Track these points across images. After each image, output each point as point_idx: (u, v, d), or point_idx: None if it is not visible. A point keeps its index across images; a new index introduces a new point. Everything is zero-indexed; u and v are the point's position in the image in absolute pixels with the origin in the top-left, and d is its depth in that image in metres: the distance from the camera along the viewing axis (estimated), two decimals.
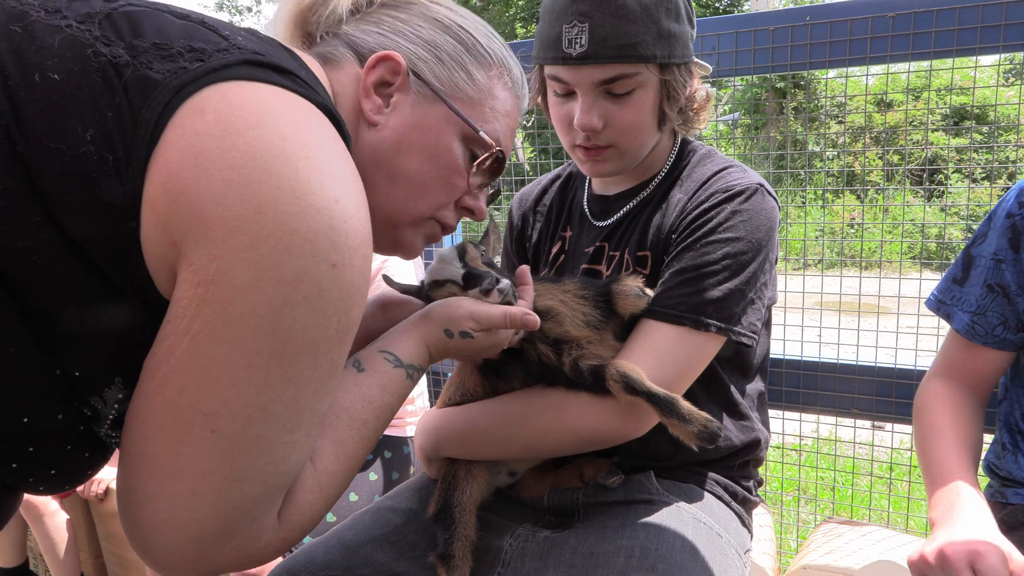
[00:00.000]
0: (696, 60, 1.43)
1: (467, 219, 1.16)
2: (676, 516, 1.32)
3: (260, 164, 0.68)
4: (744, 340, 1.32)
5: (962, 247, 1.50)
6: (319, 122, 0.77)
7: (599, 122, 1.34)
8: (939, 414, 1.44)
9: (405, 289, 1.27)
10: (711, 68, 1.47)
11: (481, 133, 1.01)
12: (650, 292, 1.31)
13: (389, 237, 1.04)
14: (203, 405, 0.69)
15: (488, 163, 1.04)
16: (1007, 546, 1.13)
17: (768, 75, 1.98)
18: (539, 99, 1.50)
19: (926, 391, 1.51)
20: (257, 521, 0.77)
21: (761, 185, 1.36)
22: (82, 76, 0.68)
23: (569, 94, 1.38)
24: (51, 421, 0.73)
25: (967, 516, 1.20)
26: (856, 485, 2.65)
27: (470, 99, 1.01)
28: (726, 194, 1.33)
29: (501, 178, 1.13)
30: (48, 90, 0.67)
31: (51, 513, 2.76)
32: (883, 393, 1.98)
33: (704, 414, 1.18)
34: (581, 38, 1.28)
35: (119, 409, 0.76)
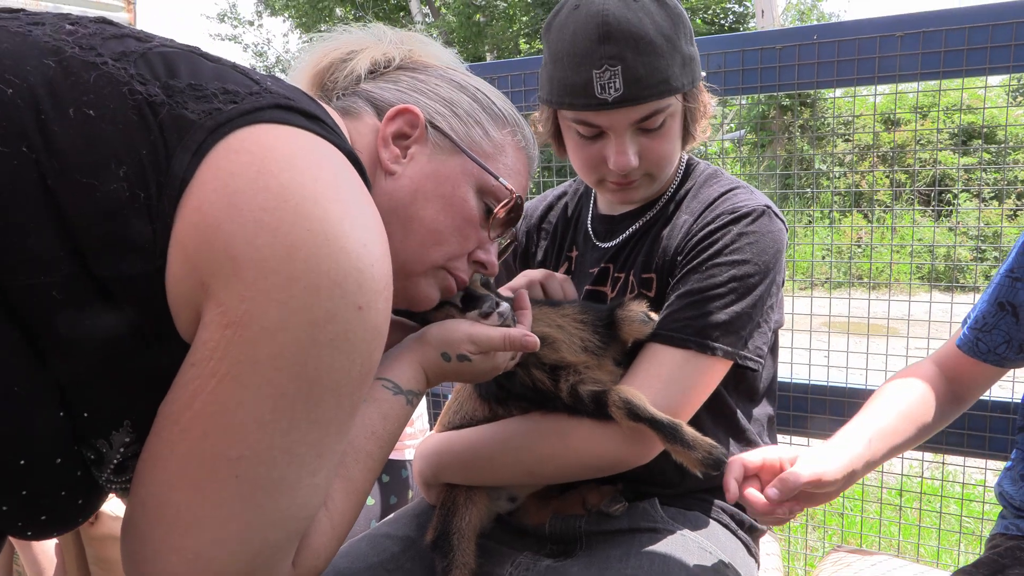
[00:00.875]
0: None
1: None
2: (681, 545, 1.30)
3: (292, 206, 0.69)
4: (750, 364, 1.31)
5: (971, 267, 1.50)
6: (345, 167, 0.79)
7: (636, 160, 1.34)
8: (900, 384, 1.43)
9: (398, 310, 1.26)
10: (705, 73, 1.48)
11: (501, 180, 1.04)
12: (655, 317, 1.30)
13: (402, 287, 1.05)
14: (228, 450, 0.69)
15: (504, 213, 1.06)
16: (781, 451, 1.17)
17: (775, 93, 1.98)
18: (548, 139, 1.48)
19: (910, 366, 1.51)
20: (275, 568, 0.76)
21: (768, 207, 1.36)
22: (117, 113, 0.69)
23: (597, 135, 1.37)
24: (49, 465, 0.72)
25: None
26: (865, 512, 2.62)
27: (485, 153, 1.04)
28: (732, 216, 1.33)
29: (516, 229, 1.15)
30: (83, 125, 0.68)
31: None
32: None
33: (709, 440, 1.17)
34: (615, 82, 1.27)
35: (124, 453, 0.76)
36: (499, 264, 1.20)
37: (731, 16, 18.85)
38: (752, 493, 1.16)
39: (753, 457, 1.19)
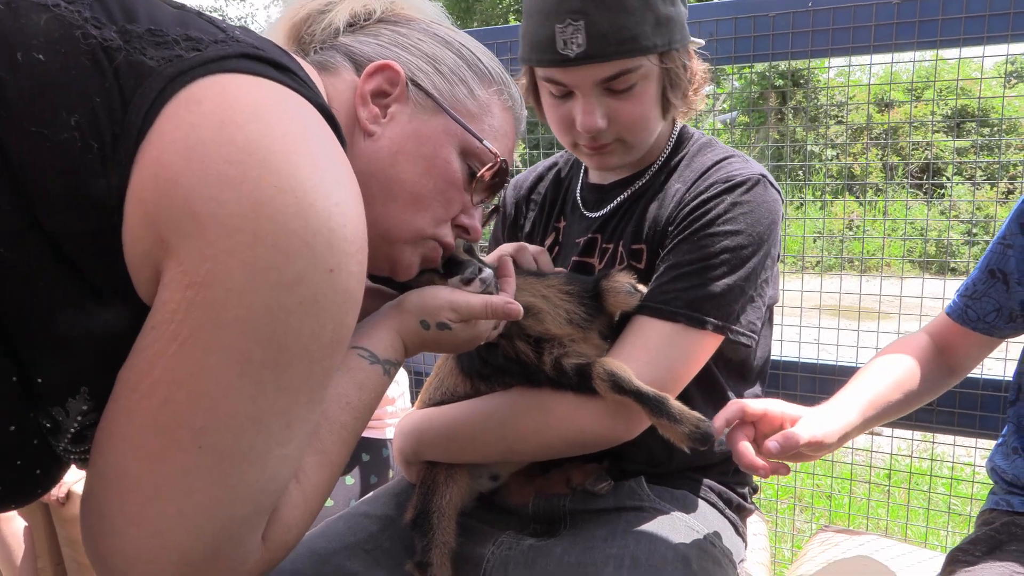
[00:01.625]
0: (692, 39, 1.39)
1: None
2: (668, 524, 1.29)
3: (258, 160, 0.66)
4: (743, 340, 1.29)
5: (963, 250, 1.50)
6: (317, 121, 0.76)
7: (603, 121, 1.31)
8: (892, 354, 1.44)
9: (377, 277, 1.23)
10: (703, 42, 1.44)
11: (485, 143, 1.00)
12: (643, 288, 1.28)
13: (385, 254, 1.02)
14: (191, 418, 0.66)
15: (489, 176, 1.03)
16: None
17: (767, 73, 1.96)
18: (530, 100, 1.46)
19: (904, 337, 1.52)
20: (243, 543, 0.73)
21: (763, 176, 1.33)
22: (69, 58, 0.65)
23: (566, 95, 1.34)
24: (2, 433, 0.69)
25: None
26: (853, 493, 2.63)
27: (470, 113, 1.00)
28: (726, 184, 1.30)
29: (501, 195, 1.11)
30: (31, 70, 0.64)
31: (6, 519, 2.70)
32: None
33: (696, 414, 1.15)
34: (577, 37, 1.24)
35: (82, 422, 0.72)
36: (487, 235, 1.17)
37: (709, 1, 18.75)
38: (745, 447, 1.15)
39: (756, 406, 1.18)
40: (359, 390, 0.94)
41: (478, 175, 1.02)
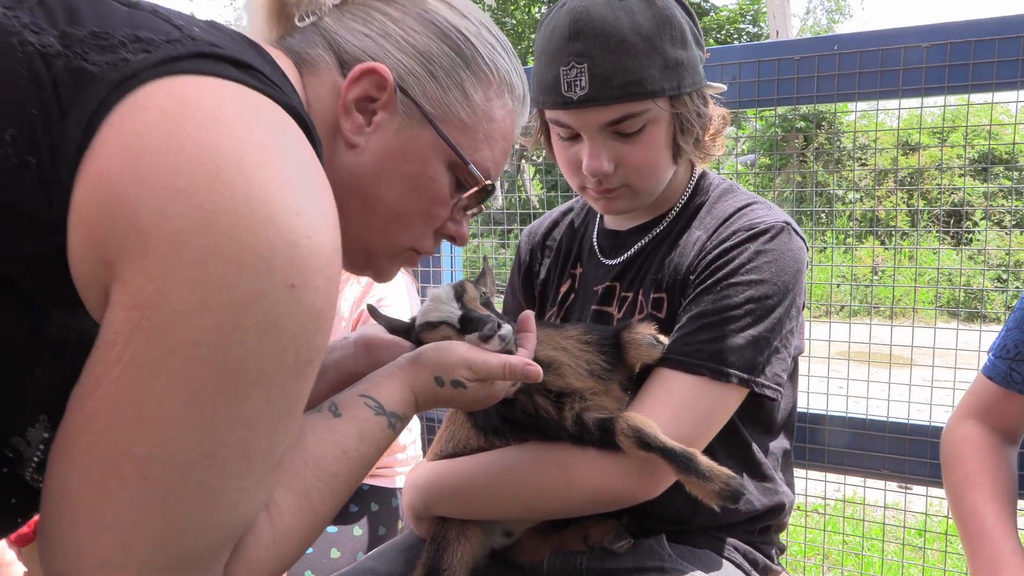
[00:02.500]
0: (708, 83, 1.39)
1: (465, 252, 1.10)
2: None
3: (210, 170, 0.62)
4: (768, 393, 1.26)
5: (993, 297, 1.45)
6: (282, 124, 0.71)
7: (609, 165, 1.30)
8: (971, 461, 1.37)
9: (392, 326, 1.21)
10: (724, 87, 1.43)
11: (471, 167, 0.95)
12: (664, 340, 1.25)
13: (362, 262, 0.99)
14: (134, 447, 0.62)
15: (474, 196, 1.00)
16: None
17: (789, 115, 1.94)
18: (541, 140, 1.46)
19: (955, 435, 1.44)
20: None
21: (788, 224, 1.31)
22: (3, 68, 0.62)
23: (574, 137, 1.34)
24: None
25: None
26: (885, 552, 2.54)
27: (463, 124, 0.94)
28: (749, 232, 1.28)
29: (492, 201, 1.07)
30: None
31: (6, 564, 2.66)
32: (916, 453, 1.90)
33: (726, 470, 1.12)
34: (581, 80, 1.24)
35: (44, 451, 0.70)
36: (496, 282, 1.15)
37: (745, 37, 19.00)
38: None
39: None
40: (359, 441, 0.91)
41: (464, 195, 0.98)
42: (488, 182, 0.98)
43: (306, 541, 0.84)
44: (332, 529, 2.03)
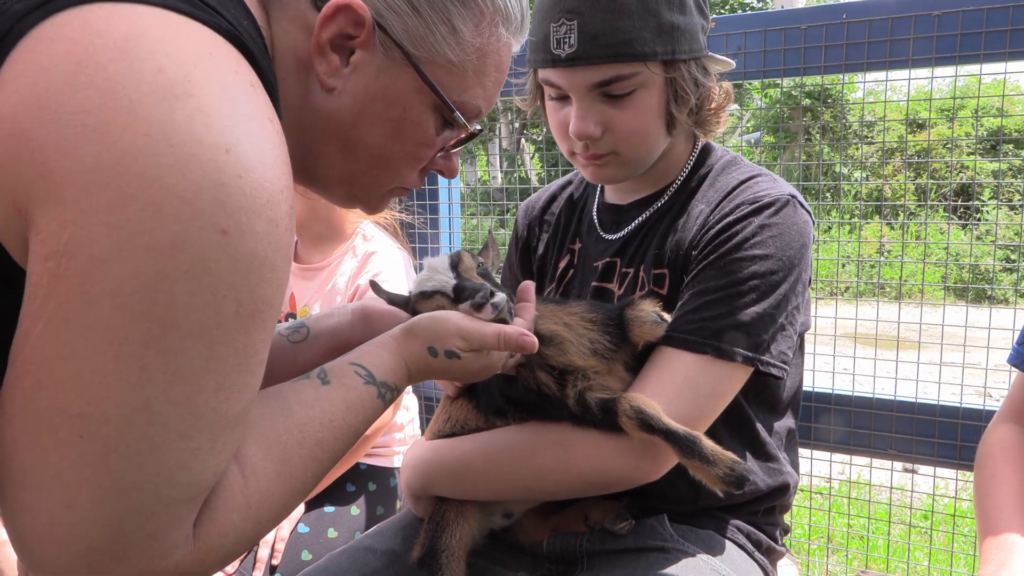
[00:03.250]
0: (712, 55, 1.36)
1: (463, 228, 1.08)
2: (692, 567, 1.25)
3: (124, 105, 0.58)
4: (773, 371, 1.24)
5: (1001, 277, 1.42)
6: (214, 51, 0.66)
7: (596, 128, 1.28)
8: (1003, 462, 1.34)
9: (392, 299, 1.19)
10: (732, 64, 1.40)
11: (457, 115, 0.91)
12: (668, 317, 1.24)
13: (348, 201, 0.96)
14: (66, 404, 0.60)
15: (458, 142, 0.96)
16: None
17: (794, 92, 1.91)
18: (537, 103, 1.44)
19: (992, 437, 1.42)
20: (158, 537, 0.68)
21: (793, 196, 1.29)
22: None
23: (564, 98, 1.32)
24: None
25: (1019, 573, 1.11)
26: (891, 535, 2.54)
27: (449, 63, 0.88)
28: (754, 206, 1.26)
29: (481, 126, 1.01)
30: None
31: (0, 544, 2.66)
32: (924, 433, 1.89)
33: (730, 455, 1.11)
34: (570, 37, 1.23)
35: None
36: (495, 250, 1.13)
37: (750, 11, 18.83)
38: None
39: None
40: (346, 409, 0.89)
41: (451, 141, 0.95)
42: (476, 128, 0.95)
43: (284, 508, 0.82)
44: (329, 509, 2.03)
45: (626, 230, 1.43)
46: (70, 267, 0.58)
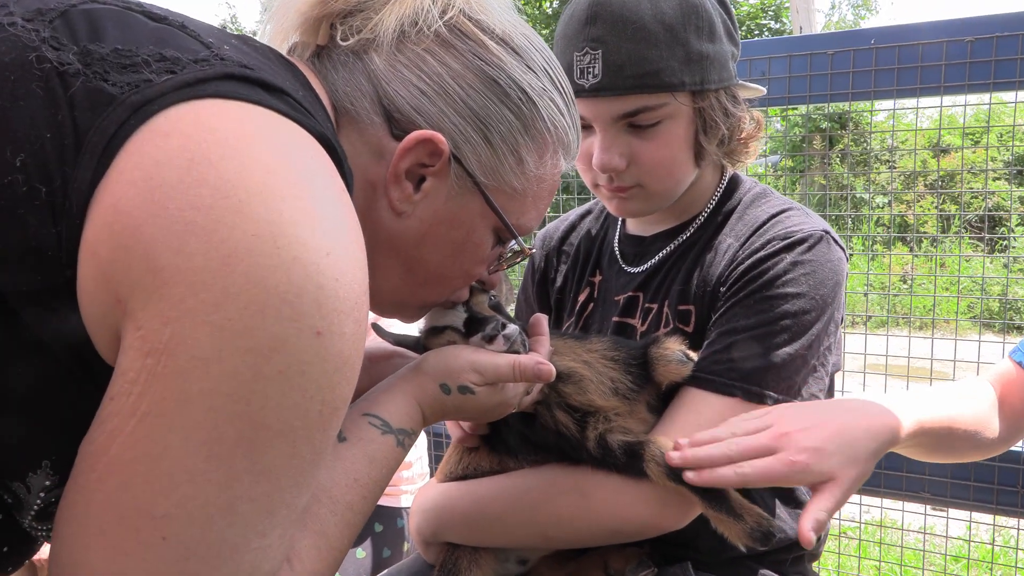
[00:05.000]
0: (742, 83, 1.35)
1: None
2: None
3: (233, 204, 0.60)
4: None
5: None
6: (314, 155, 0.69)
7: (621, 161, 1.27)
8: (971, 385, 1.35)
9: (400, 341, 1.18)
10: (763, 91, 1.39)
11: (517, 239, 0.97)
12: (695, 356, 1.22)
13: (393, 311, 1.01)
14: (153, 506, 0.60)
15: (514, 256, 1.02)
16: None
17: (813, 115, 1.91)
18: None
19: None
20: None
21: (827, 232, 1.27)
22: (18, 86, 0.61)
23: (587, 128, 1.32)
24: None
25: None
26: None
27: (512, 190, 0.93)
28: (786, 241, 1.24)
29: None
30: None
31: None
32: (959, 476, 1.85)
33: (757, 509, 1.09)
34: (594, 67, 1.22)
35: (46, 498, 0.68)
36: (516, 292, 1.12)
37: (767, 34, 18.99)
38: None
39: None
40: (369, 465, 0.89)
41: (506, 260, 1.00)
42: (532, 250, 1.01)
43: None
44: None
45: (649, 263, 1.42)
46: (169, 365, 0.59)
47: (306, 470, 0.67)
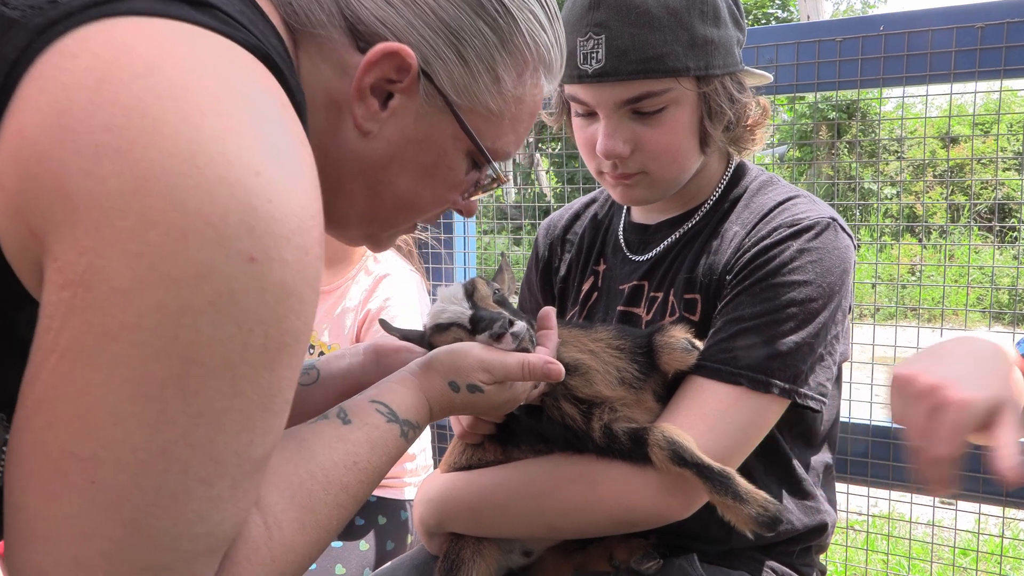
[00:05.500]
0: (748, 69, 1.35)
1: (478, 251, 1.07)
2: None
3: (148, 124, 0.56)
4: (811, 404, 1.22)
5: None
6: (244, 69, 0.64)
7: (625, 147, 1.27)
8: None
9: (406, 335, 1.19)
10: (770, 78, 1.38)
11: (492, 165, 0.91)
12: (700, 345, 1.22)
13: (360, 239, 0.96)
14: (78, 447, 0.58)
15: (485, 190, 0.97)
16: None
17: (821, 105, 1.90)
18: (563, 120, 1.43)
19: None
20: None
21: (834, 219, 1.27)
22: None
23: (591, 115, 1.31)
24: None
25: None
26: (932, 574, 2.49)
27: (488, 112, 0.88)
28: (792, 229, 1.24)
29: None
30: None
31: None
32: (968, 467, 1.85)
33: (763, 494, 1.09)
34: (597, 52, 1.22)
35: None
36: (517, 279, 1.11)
37: (774, 23, 18.92)
38: None
39: None
40: (371, 450, 0.87)
41: (481, 185, 0.95)
42: (507, 175, 0.95)
43: (308, 559, 0.80)
44: (337, 544, 2.01)
45: (654, 251, 1.41)
46: (87, 298, 0.56)
47: (254, 414, 0.63)
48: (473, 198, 0.99)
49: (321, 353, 2.14)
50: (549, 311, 1.16)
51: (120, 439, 0.58)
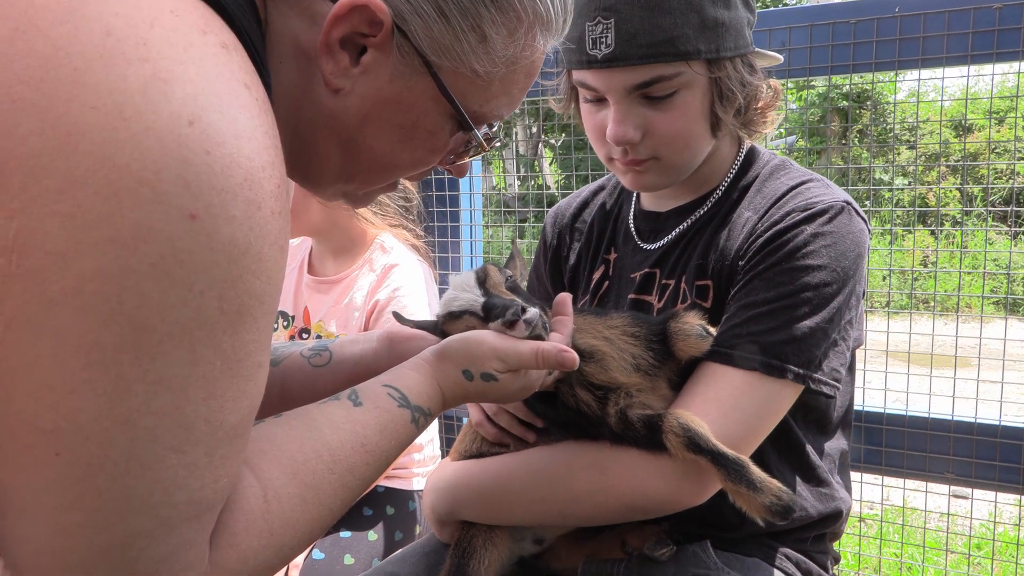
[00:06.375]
0: (758, 50, 1.34)
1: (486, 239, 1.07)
2: None
3: (68, 74, 0.53)
4: (825, 390, 1.22)
5: None
6: (175, 8, 0.61)
7: (636, 133, 1.27)
8: None
9: (419, 325, 1.19)
10: (780, 59, 1.38)
11: (476, 133, 0.88)
12: (714, 331, 1.22)
13: (337, 192, 0.93)
14: (38, 419, 0.56)
15: (471, 156, 0.94)
16: None
17: (830, 94, 1.89)
18: (572, 107, 1.43)
19: None
20: (167, 561, 0.65)
21: (848, 203, 1.27)
22: None
23: (601, 100, 1.31)
24: None
25: None
26: (947, 565, 2.49)
27: (474, 74, 0.82)
28: (806, 213, 1.24)
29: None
30: None
31: None
32: (984, 455, 1.85)
33: (776, 483, 1.09)
34: (606, 37, 1.22)
35: None
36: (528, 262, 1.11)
37: (785, 5, 18.80)
38: None
39: None
40: (380, 433, 0.88)
41: (464, 151, 0.92)
42: (494, 144, 0.92)
43: (309, 536, 0.80)
44: (346, 534, 2.02)
45: (665, 239, 1.42)
46: (23, 264, 0.54)
47: (220, 380, 0.62)
48: (460, 162, 0.96)
49: None
50: (565, 297, 1.16)
51: (79, 408, 0.57)
